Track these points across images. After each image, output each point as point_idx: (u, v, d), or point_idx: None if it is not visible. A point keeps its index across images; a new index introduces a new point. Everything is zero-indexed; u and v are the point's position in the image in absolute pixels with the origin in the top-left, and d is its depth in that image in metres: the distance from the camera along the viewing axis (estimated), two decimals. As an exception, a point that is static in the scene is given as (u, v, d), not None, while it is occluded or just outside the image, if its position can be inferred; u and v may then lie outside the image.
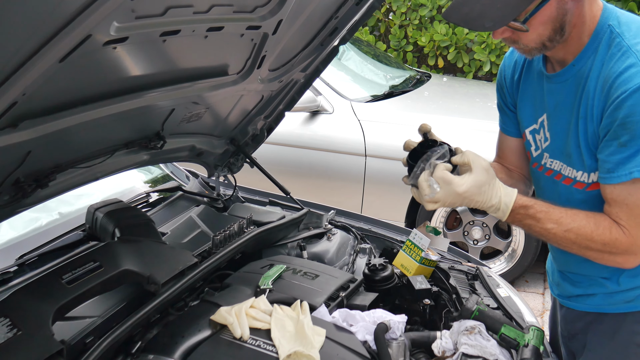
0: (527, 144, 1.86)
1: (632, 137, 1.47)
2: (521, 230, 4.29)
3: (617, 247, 1.56)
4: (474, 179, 1.58)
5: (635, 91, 1.45)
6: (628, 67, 1.49)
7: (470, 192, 1.57)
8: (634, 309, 1.72)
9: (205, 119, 2.23)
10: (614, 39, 1.54)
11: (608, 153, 1.53)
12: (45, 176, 1.74)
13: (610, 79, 1.51)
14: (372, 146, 4.41)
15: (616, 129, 1.50)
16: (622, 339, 1.75)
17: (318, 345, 1.63)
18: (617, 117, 1.49)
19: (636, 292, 1.70)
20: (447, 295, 2.08)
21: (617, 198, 1.55)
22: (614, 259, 1.60)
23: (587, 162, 1.62)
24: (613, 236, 1.56)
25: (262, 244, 2.30)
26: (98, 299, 1.81)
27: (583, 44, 1.59)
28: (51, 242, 2.13)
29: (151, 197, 2.64)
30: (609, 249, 1.57)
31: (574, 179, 1.69)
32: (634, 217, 1.54)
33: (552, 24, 1.52)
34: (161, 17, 1.39)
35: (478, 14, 1.48)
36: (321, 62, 2.39)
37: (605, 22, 1.57)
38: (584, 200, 1.68)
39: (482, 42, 6.81)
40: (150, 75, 1.68)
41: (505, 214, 1.62)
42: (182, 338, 1.67)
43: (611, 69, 1.52)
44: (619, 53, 1.52)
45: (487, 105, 5.28)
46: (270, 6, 1.70)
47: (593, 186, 1.64)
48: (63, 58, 1.25)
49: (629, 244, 1.55)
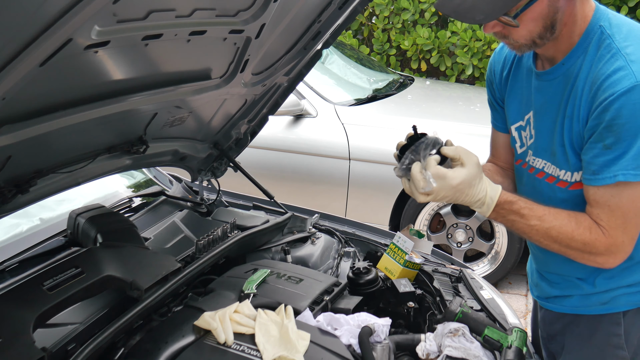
0: (512, 140, 1.87)
1: (617, 139, 1.48)
2: (504, 233, 4.32)
3: (597, 247, 1.58)
4: (467, 173, 1.58)
5: (622, 94, 1.46)
6: (616, 69, 1.49)
7: (463, 185, 1.58)
8: (609, 310, 1.73)
9: (188, 123, 2.22)
10: (604, 40, 1.55)
11: (592, 155, 1.54)
12: (26, 181, 1.72)
13: (598, 81, 1.52)
14: (356, 150, 4.41)
15: (602, 131, 1.51)
16: (599, 341, 1.76)
17: (302, 350, 1.62)
18: (603, 120, 1.49)
19: (611, 294, 1.72)
20: (431, 297, 2.08)
21: (599, 200, 1.56)
22: (594, 259, 1.61)
23: (571, 161, 1.63)
24: (593, 236, 1.57)
25: (246, 248, 2.30)
26: (80, 305, 1.79)
27: (573, 43, 1.60)
28: (32, 248, 2.11)
29: (134, 202, 2.62)
30: (589, 248, 1.58)
31: (557, 177, 1.70)
32: (614, 219, 1.55)
33: (542, 21, 1.52)
34: (143, 21, 1.38)
35: (470, 6, 1.48)
36: (304, 66, 2.39)
37: (597, 22, 1.57)
38: (565, 199, 1.69)
39: (464, 45, 6.85)
40: (133, 80, 1.67)
41: (490, 208, 1.62)
42: (166, 344, 1.66)
43: (599, 70, 1.53)
44: (608, 55, 1.53)
45: (469, 108, 5.32)
46: (253, 10, 1.69)
47: (575, 185, 1.66)
48: (43, 62, 1.24)
49: (608, 245, 1.57)
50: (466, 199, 1.61)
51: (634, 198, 1.53)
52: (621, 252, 1.59)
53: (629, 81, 1.46)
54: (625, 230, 1.56)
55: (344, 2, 2.07)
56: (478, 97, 5.63)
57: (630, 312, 1.72)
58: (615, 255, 1.59)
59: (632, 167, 1.49)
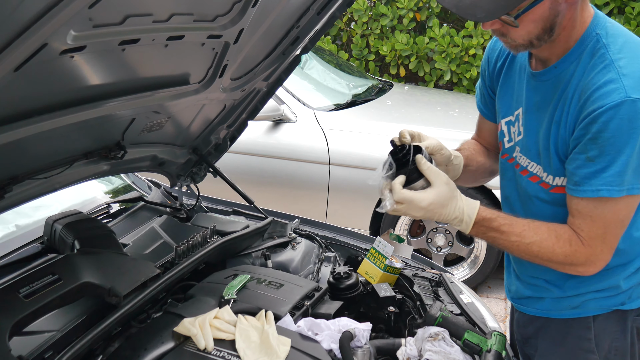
0: (500, 134, 1.86)
1: (601, 152, 1.49)
2: (483, 237, 4.35)
3: (578, 257, 1.59)
4: (436, 193, 1.60)
5: (610, 108, 1.46)
6: (607, 81, 1.48)
7: (433, 205, 1.60)
8: (579, 315, 1.75)
9: (166, 128, 2.21)
10: (599, 49, 1.54)
11: (575, 166, 1.55)
12: (1, 188, 1.70)
13: (588, 91, 1.51)
14: (336, 155, 4.42)
15: (586, 143, 1.51)
16: (570, 345, 1.78)
17: (283, 355, 1.62)
18: (590, 131, 1.49)
19: (581, 299, 1.73)
20: (411, 302, 2.09)
21: (582, 210, 1.57)
22: (575, 269, 1.63)
23: (554, 166, 1.64)
24: (573, 248, 1.59)
25: (226, 253, 2.29)
26: (57, 312, 1.77)
27: (568, 48, 1.59)
28: (8, 255, 2.08)
29: (112, 208, 2.59)
30: (569, 260, 1.60)
31: (540, 178, 1.70)
32: (595, 229, 1.56)
33: (542, 23, 1.52)
34: (120, 25, 1.37)
35: (471, 2, 1.46)
36: (284, 71, 2.39)
37: (594, 29, 1.57)
38: (547, 200, 1.70)
39: (442, 51, 6.90)
40: (110, 85, 1.66)
41: (468, 226, 1.63)
42: (145, 351, 1.64)
43: (591, 80, 1.52)
44: (601, 65, 1.52)
45: (448, 113, 5.36)
46: (231, 15, 1.69)
47: (556, 189, 1.67)
48: (18, 67, 1.22)
49: (588, 255, 1.59)
50: (441, 218, 1.63)
51: (615, 210, 1.55)
52: (600, 260, 1.61)
53: (619, 95, 1.46)
54: (604, 240, 1.58)
55: (323, 7, 2.08)
56: (456, 103, 5.67)
57: (601, 316, 1.73)
58: (594, 263, 1.61)
59: (616, 183, 1.50)
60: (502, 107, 1.84)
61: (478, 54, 6.79)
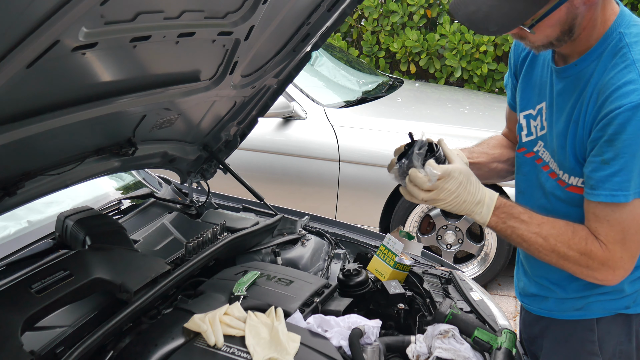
0: (518, 127, 1.83)
1: (616, 155, 1.45)
2: (493, 235, 4.33)
3: (593, 259, 1.53)
4: (461, 166, 1.58)
5: (628, 110, 1.42)
6: (627, 82, 1.45)
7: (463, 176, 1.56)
8: (583, 316, 1.73)
9: (177, 125, 2.21)
10: (621, 48, 1.50)
11: (592, 169, 1.52)
12: (13, 184, 1.71)
13: (607, 91, 1.48)
14: (346, 151, 4.42)
15: (602, 145, 1.48)
16: (574, 346, 1.76)
17: (293, 352, 1.62)
18: (606, 133, 1.46)
19: (584, 301, 1.71)
20: (421, 299, 2.09)
21: (599, 214, 1.53)
22: (592, 275, 1.57)
23: (569, 165, 1.62)
24: (588, 247, 1.53)
25: (235, 250, 2.29)
26: (69, 308, 1.78)
27: (590, 46, 1.55)
28: (20, 250, 2.10)
29: (123, 204, 2.61)
30: (585, 261, 1.54)
31: (557, 175, 1.68)
32: (613, 233, 1.51)
33: (560, 27, 1.48)
34: (131, 22, 1.38)
35: (484, 15, 1.44)
36: (294, 68, 2.39)
37: (617, 28, 1.52)
38: (562, 199, 1.68)
39: (453, 48, 6.88)
40: (121, 81, 1.66)
41: (490, 209, 1.59)
42: (155, 347, 1.65)
43: (611, 80, 1.48)
44: (623, 65, 1.48)
45: (458, 110, 5.34)
46: (242, 12, 1.69)
47: (571, 188, 1.64)
48: (30, 64, 1.23)
49: (605, 259, 1.53)
50: (467, 197, 1.58)
51: (634, 215, 1.50)
52: (620, 268, 1.54)
53: (638, 97, 1.42)
54: (624, 246, 1.52)
55: (333, 4, 2.08)
56: (467, 100, 5.65)
57: (604, 319, 1.72)
58: (614, 271, 1.55)
59: (635, 187, 1.46)
60: (522, 100, 1.80)
61: (489, 51, 6.76)
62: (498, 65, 6.92)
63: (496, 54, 6.86)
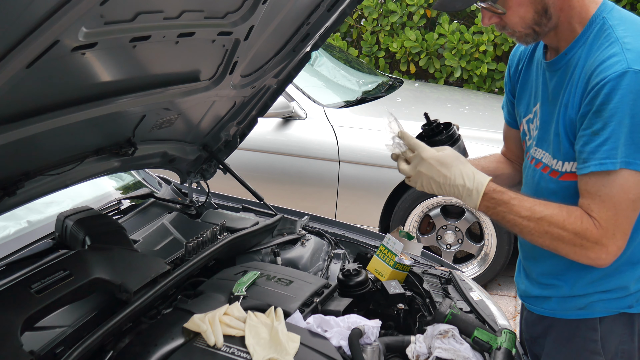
0: (522, 134, 1.87)
1: (605, 124, 1.48)
2: (493, 234, 4.33)
3: (588, 238, 1.53)
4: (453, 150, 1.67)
5: (613, 79, 1.47)
6: (611, 55, 1.50)
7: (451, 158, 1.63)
8: (586, 316, 1.73)
9: (177, 125, 2.21)
10: (605, 30, 1.56)
11: (583, 143, 1.53)
12: (13, 184, 1.71)
13: (592, 67, 1.53)
14: (346, 151, 4.42)
15: (591, 117, 1.51)
16: (576, 346, 1.76)
17: (292, 352, 1.62)
18: (594, 105, 1.50)
19: (588, 299, 1.71)
20: (420, 299, 2.09)
21: (590, 189, 1.54)
22: (586, 254, 1.56)
23: (564, 150, 1.63)
24: (584, 226, 1.53)
25: (235, 250, 2.29)
26: (68, 308, 1.78)
27: (576, 34, 1.61)
28: (20, 250, 2.10)
29: (122, 204, 2.61)
30: (580, 240, 1.54)
31: (550, 167, 1.69)
32: (605, 210, 1.52)
33: (532, 6, 1.55)
34: (131, 22, 1.38)
35: None
36: (293, 68, 2.39)
37: (600, 14, 1.59)
38: (555, 191, 1.68)
39: (452, 48, 6.88)
40: (121, 81, 1.66)
41: (479, 193, 1.60)
42: (155, 347, 1.65)
43: (596, 58, 1.53)
44: (607, 43, 1.53)
45: (458, 110, 5.34)
46: (242, 12, 1.69)
47: (566, 176, 1.65)
48: (30, 64, 1.23)
49: (599, 236, 1.52)
50: (452, 179, 1.62)
51: (625, 188, 1.50)
52: (613, 246, 1.54)
53: (621, 66, 1.47)
54: (617, 223, 1.52)
55: (333, 4, 2.08)
56: (466, 100, 5.65)
57: (607, 318, 1.71)
58: (607, 249, 1.54)
59: (622, 154, 1.48)
60: (522, 108, 1.85)
61: (489, 51, 6.76)
62: (498, 65, 6.92)
63: (496, 53, 6.86)
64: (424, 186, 1.67)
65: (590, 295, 1.71)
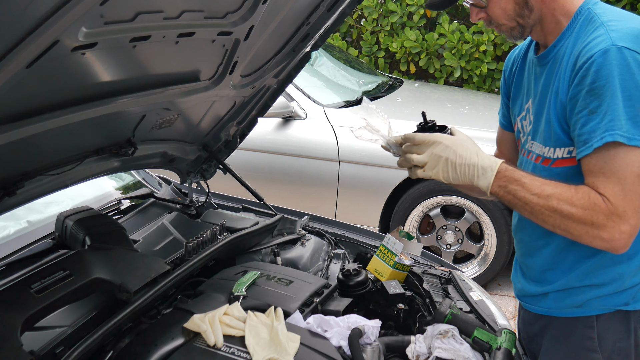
0: (517, 133, 1.89)
1: (600, 102, 1.49)
2: (493, 234, 4.33)
3: (597, 213, 1.50)
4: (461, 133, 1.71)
5: (599, 56, 1.49)
6: (595, 37, 1.54)
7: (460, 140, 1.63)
8: (582, 314, 1.73)
9: (177, 125, 2.21)
10: (591, 18, 1.60)
11: (581, 124, 1.53)
12: (13, 184, 1.71)
13: (579, 50, 1.56)
14: (346, 151, 4.42)
15: (585, 97, 1.52)
16: (573, 344, 1.76)
17: (292, 352, 1.62)
18: (585, 85, 1.51)
19: (585, 296, 1.71)
20: (420, 299, 2.09)
21: (593, 169, 1.52)
22: (599, 235, 1.52)
23: (555, 136, 1.63)
24: (592, 201, 1.50)
25: (235, 250, 2.29)
26: (68, 308, 1.78)
27: (563, 26, 1.65)
28: (19, 250, 2.10)
29: (122, 204, 2.61)
30: (590, 217, 1.50)
31: (542, 155, 1.70)
32: (611, 185, 1.49)
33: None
34: (131, 22, 1.38)
35: None
36: (293, 68, 2.39)
37: (586, 5, 1.63)
38: (548, 179, 1.68)
39: (452, 48, 6.88)
40: (121, 81, 1.66)
41: (493, 171, 1.59)
42: (155, 347, 1.65)
43: (582, 43, 1.57)
44: (593, 28, 1.57)
45: (458, 110, 5.34)
46: (242, 12, 1.69)
47: (558, 162, 1.65)
48: (30, 64, 1.23)
49: (609, 211, 1.49)
50: (467, 158, 1.61)
51: (627, 162, 1.48)
52: (625, 224, 1.49)
53: (605, 44, 1.50)
54: (625, 198, 1.49)
55: (333, 4, 2.08)
56: (466, 100, 5.65)
57: (604, 316, 1.71)
58: (620, 227, 1.49)
59: (620, 127, 1.47)
60: (516, 108, 1.87)
61: (489, 51, 6.76)
62: (498, 65, 6.92)
63: (496, 53, 6.86)
64: (439, 171, 1.64)
65: (586, 289, 1.70)
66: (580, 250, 1.68)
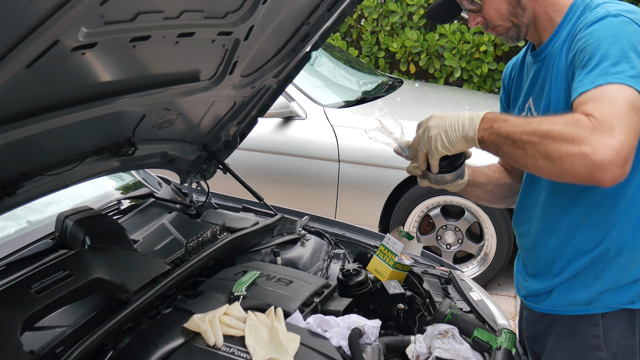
0: None
1: (592, 55, 1.49)
2: (493, 234, 4.33)
3: (579, 127, 1.37)
4: None
5: (593, 23, 1.53)
6: (594, 14, 1.56)
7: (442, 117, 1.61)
8: (588, 312, 1.73)
9: (177, 125, 2.21)
10: (587, 5, 1.62)
11: (579, 80, 1.48)
12: (13, 184, 1.71)
13: (577, 29, 1.59)
14: (346, 151, 4.42)
15: (578, 56, 1.53)
16: (578, 342, 1.76)
17: (292, 352, 1.62)
18: (579, 48, 1.54)
19: (590, 293, 1.71)
20: (420, 299, 2.09)
21: (583, 99, 1.44)
22: (580, 150, 1.35)
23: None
24: (575, 118, 1.40)
25: (235, 250, 2.29)
26: (68, 308, 1.78)
27: (556, 22, 1.68)
28: (19, 250, 2.10)
29: (122, 204, 2.61)
30: (570, 132, 1.37)
31: None
32: (600, 106, 1.39)
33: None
34: (131, 22, 1.38)
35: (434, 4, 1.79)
36: (293, 68, 2.39)
37: None
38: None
39: (452, 48, 6.87)
40: (121, 81, 1.66)
41: (479, 117, 1.53)
42: (155, 347, 1.65)
43: (580, 23, 1.59)
44: (589, 11, 1.59)
45: (458, 110, 5.33)
46: (242, 12, 1.69)
47: None
48: (30, 64, 1.23)
49: (592, 127, 1.36)
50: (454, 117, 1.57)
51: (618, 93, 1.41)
52: (611, 138, 1.34)
53: (601, 13, 1.54)
54: (614, 116, 1.36)
55: (333, 4, 2.08)
56: (466, 100, 5.65)
57: (609, 314, 1.71)
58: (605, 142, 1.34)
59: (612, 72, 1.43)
60: (517, 109, 1.87)
61: (489, 51, 6.76)
62: (498, 65, 6.92)
63: (496, 53, 6.86)
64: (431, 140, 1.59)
65: (591, 282, 1.70)
66: (584, 237, 1.69)
